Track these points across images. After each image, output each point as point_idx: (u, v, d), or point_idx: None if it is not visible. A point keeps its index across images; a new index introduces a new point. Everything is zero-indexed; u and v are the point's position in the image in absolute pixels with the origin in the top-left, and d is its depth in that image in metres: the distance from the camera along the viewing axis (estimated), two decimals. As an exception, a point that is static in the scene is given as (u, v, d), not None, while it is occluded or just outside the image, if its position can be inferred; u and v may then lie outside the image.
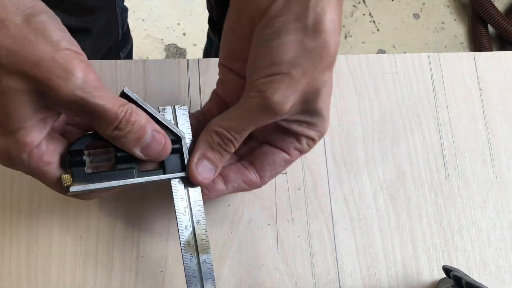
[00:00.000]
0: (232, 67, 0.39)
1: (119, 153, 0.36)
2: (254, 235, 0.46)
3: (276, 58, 0.34)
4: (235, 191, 0.41)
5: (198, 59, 0.50)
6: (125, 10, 0.85)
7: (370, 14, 1.56)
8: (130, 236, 0.45)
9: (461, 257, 0.46)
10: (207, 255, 0.38)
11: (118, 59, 0.58)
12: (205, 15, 0.92)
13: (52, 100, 0.32)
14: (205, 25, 0.95)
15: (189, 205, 0.39)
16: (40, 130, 0.33)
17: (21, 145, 0.33)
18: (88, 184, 0.36)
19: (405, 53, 0.80)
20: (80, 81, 0.31)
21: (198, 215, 0.39)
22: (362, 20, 1.55)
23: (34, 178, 0.36)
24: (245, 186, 0.41)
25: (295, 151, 0.40)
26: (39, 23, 0.31)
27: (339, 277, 0.45)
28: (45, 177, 0.36)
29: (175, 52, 1.45)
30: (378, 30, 1.55)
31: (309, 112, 0.37)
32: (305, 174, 0.48)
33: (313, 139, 0.39)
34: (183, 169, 0.39)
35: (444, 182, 0.49)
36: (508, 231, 0.48)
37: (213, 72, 0.50)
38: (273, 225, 0.46)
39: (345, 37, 1.53)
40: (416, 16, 1.57)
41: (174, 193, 0.39)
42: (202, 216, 0.39)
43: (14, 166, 0.35)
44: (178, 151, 0.39)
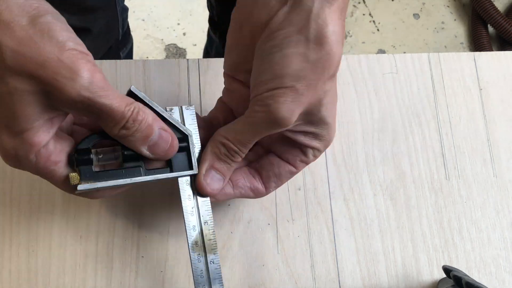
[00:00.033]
0: (237, 77, 0.39)
1: (126, 151, 0.36)
2: (254, 235, 0.46)
3: (279, 71, 0.34)
4: (241, 197, 0.41)
5: (198, 59, 0.50)
6: (125, 9, 0.85)
7: (370, 14, 1.56)
8: (130, 236, 0.45)
9: (461, 257, 0.46)
10: (214, 255, 0.38)
11: (118, 58, 0.58)
12: (205, 15, 0.92)
13: (59, 101, 0.32)
14: (205, 25, 0.95)
15: (196, 205, 0.39)
16: (47, 130, 0.33)
17: (29, 145, 0.33)
18: (96, 182, 0.36)
19: (405, 53, 0.80)
20: (86, 81, 0.31)
21: (205, 215, 0.39)
22: (362, 20, 1.55)
23: (42, 178, 0.36)
24: (250, 194, 0.41)
25: (301, 163, 0.40)
26: (44, 24, 0.31)
27: (339, 277, 0.45)
28: (53, 177, 0.35)
29: (175, 52, 1.45)
30: (378, 30, 1.55)
31: (314, 122, 0.37)
32: (305, 174, 0.48)
33: (318, 150, 0.39)
34: (190, 167, 0.39)
35: (444, 182, 0.49)
36: (508, 231, 0.48)
37: (213, 72, 0.50)
38: (273, 225, 0.46)
39: (345, 37, 1.53)
40: (416, 16, 1.57)
41: (181, 193, 0.39)
42: (209, 216, 0.39)
43: (21, 166, 0.35)
44: (185, 149, 0.39)
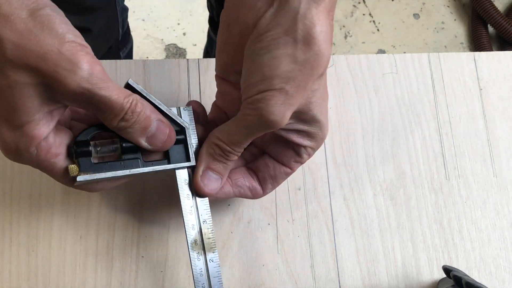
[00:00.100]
0: (228, 78, 0.39)
1: (125, 143, 0.37)
2: (254, 235, 0.46)
3: (268, 73, 0.33)
4: (239, 196, 0.41)
5: (198, 59, 0.50)
6: (125, 9, 0.85)
7: (370, 14, 1.56)
8: (130, 236, 0.45)
9: (461, 257, 0.46)
10: (213, 253, 0.39)
11: (118, 58, 0.58)
12: (205, 15, 0.92)
13: (59, 93, 0.32)
14: (205, 25, 0.95)
15: (195, 204, 0.39)
16: (47, 123, 0.33)
17: (29, 138, 0.33)
18: (94, 173, 0.36)
19: (405, 53, 0.80)
20: (86, 73, 0.32)
21: (204, 214, 0.39)
22: (362, 20, 1.55)
23: (42, 171, 0.36)
24: (248, 193, 0.41)
25: (295, 164, 0.40)
26: (44, 16, 0.31)
27: (339, 277, 0.45)
28: (53, 170, 0.36)
29: (175, 52, 1.45)
30: (378, 30, 1.55)
31: (305, 120, 0.37)
32: (305, 174, 0.48)
33: (312, 148, 0.39)
34: (187, 159, 0.39)
35: (444, 182, 0.49)
36: (508, 231, 0.48)
37: (213, 72, 0.50)
38: (273, 225, 0.46)
39: (345, 37, 1.53)
40: (416, 16, 1.57)
41: (180, 193, 0.39)
42: (208, 215, 0.39)
43: (22, 159, 0.35)
44: (183, 142, 0.39)
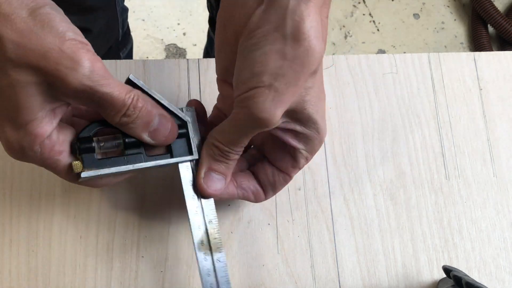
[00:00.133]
0: (228, 80, 0.39)
1: (127, 139, 0.37)
2: (254, 235, 0.46)
3: (257, 70, 0.33)
4: (243, 198, 0.41)
5: (198, 59, 0.50)
6: (125, 10, 0.85)
7: (370, 14, 1.56)
8: (130, 236, 0.45)
9: (461, 257, 0.46)
10: (220, 253, 0.39)
11: (118, 59, 0.58)
12: (205, 15, 0.92)
13: (61, 91, 0.32)
14: (205, 25, 0.95)
15: (200, 205, 0.39)
16: (50, 121, 0.34)
17: (33, 136, 0.33)
18: (98, 169, 0.36)
19: (405, 53, 0.80)
20: (87, 71, 0.32)
21: (210, 214, 0.39)
22: (362, 20, 1.55)
23: (46, 169, 0.36)
24: (251, 196, 0.41)
25: (293, 170, 0.40)
26: (44, 15, 0.31)
27: (339, 277, 0.45)
28: (57, 167, 0.36)
29: (175, 52, 1.45)
30: (378, 30, 1.55)
31: (301, 120, 0.36)
32: (305, 174, 0.48)
33: (309, 152, 0.39)
34: (190, 152, 0.39)
35: (444, 182, 0.49)
36: (508, 231, 0.48)
37: (213, 72, 0.50)
38: (273, 225, 0.46)
39: (345, 37, 1.53)
40: (416, 16, 1.57)
41: (185, 194, 0.39)
42: (214, 215, 0.39)
43: (26, 158, 0.35)
44: (185, 136, 0.39)
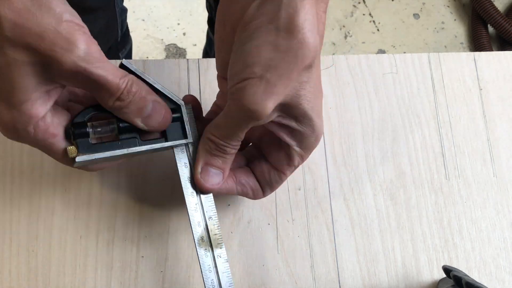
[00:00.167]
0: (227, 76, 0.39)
1: (122, 123, 0.37)
2: (254, 235, 0.46)
3: (249, 60, 0.33)
4: (241, 194, 0.41)
5: (198, 59, 0.50)
6: (124, 10, 0.85)
7: (370, 14, 1.56)
8: (130, 236, 0.45)
9: (461, 257, 0.46)
10: (221, 249, 0.39)
11: (117, 59, 0.57)
12: (205, 15, 0.92)
13: (56, 72, 0.32)
14: (205, 25, 0.95)
15: (200, 201, 0.39)
16: (45, 102, 0.34)
17: (27, 117, 0.33)
18: (93, 154, 0.36)
19: (405, 53, 0.80)
20: (82, 52, 0.32)
21: (209, 211, 0.39)
22: (362, 20, 1.55)
23: (41, 150, 0.36)
24: (250, 193, 0.41)
25: (288, 168, 0.40)
26: None
27: (339, 277, 0.45)
28: (51, 149, 0.36)
29: (175, 52, 1.45)
30: (378, 30, 1.55)
31: (296, 117, 0.36)
32: (305, 174, 0.48)
33: (304, 150, 0.39)
34: (184, 136, 0.39)
35: (444, 182, 0.48)
36: (508, 231, 0.48)
37: (213, 72, 0.50)
38: (273, 225, 0.46)
39: (345, 37, 1.53)
40: (416, 16, 1.57)
41: (184, 191, 0.39)
42: (213, 212, 0.39)
43: (20, 138, 0.35)
44: (179, 120, 0.39)
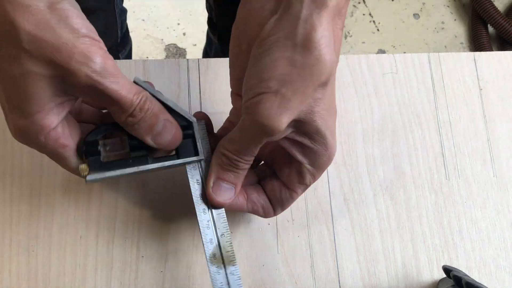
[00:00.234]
0: (241, 93, 0.39)
1: (133, 141, 0.37)
2: (254, 235, 0.46)
3: (265, 75, 0.33)
4: (252, 212, 0.41)
5: (198, 59, 0.50)
6: (124, 11, 0.85)
7: (370, 14, 1.56)
8: (130, 236, 0.45)
9: (461, 257, 0.46)
10: (234, 266, 0.38)
11: (117, 60, 0.57)
12: (205, 15, 0.92)
13: (72, 85, 0.32)
14: (205, 25, 0.95)
15: (212, 218, 0.39)
16: (57, 113, 0.34)
17: (39, 127, 0.34)
18: (104, 172, 0.36)
19: (405, 53, 0.80)
20: (98, 67, 0.32)
21: (222, 228, 0.39)
22: (362, 20, 1.55)
23: (50, 158, 0.37)
24: (260, 211, 0.41)
25: (299, 186, 0.39)
26: (61, 10, 0.32)
27: (339, 277, 0.45)
28: (61, 159, 0.36)
29: (175, 52, 1.45)
30: (378, 30, 1.55)
31: (309, 133, 0.36)
32: (305, 174, 0.48)
33: (316, 169, 0.38)
34: (196, 153, 0.39)
35: (444, 182, 0.48)
36: (508, 231, 0.48)
37: (213, 72, 0.50)
38: (273, 225, 0.46)
39: (345, 37, 1.53)
40: (416, 16, 1.57)
41: (196, 208, 0.39)
42: (226, 229, 0.39)
43: (30, 144, 0.35)
44: (190, 137, 0.39)
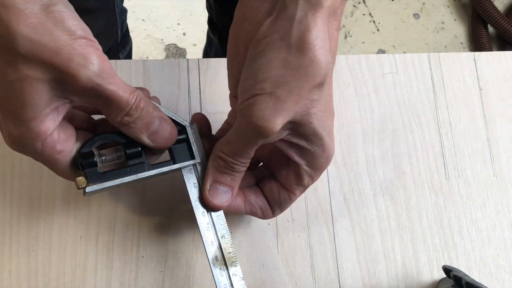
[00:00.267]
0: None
1: (129, 150, 0.37)
2: (254, 235, 0.46)
3: (260, 77, 0.33)
4: (250, 213, 0.41)
5: (198, 59, 0.50)
6: (124, 11, 0.84)
7: (370, 14, 1.56)
8: (130, 236, 0.45)
9: (461, 257, 0.46)
10: (235, 267, 0.39)
11: (117, 60, 0.57)
12: (205, 15, 0.92)
13: (70, 88, 0.32)
14: (205, 25, 0.95)
15: (211, 221, 0.39)
16: (54, 119, 0.34)
17: (35, 134, 0.33)
18: (102, 183, 0.36)
19: (405, 53, 0.80)
20: (97, 68, 0.32)
21: (222, 230, 0.39)
22: (362, 20, 1.55)
23: (45, 165, 0.36)
24: (259, 212, 0.41)
25: (297, 187, 0.39)
26: (56, 12, 0.31)
27: (339, 277, 0.45)
28: (56, 165, 0.36)
29: (175, 52, 1.45)
30: (378, 30, 1.55)
31: (306, 135, 0.36)
32: (305, 174, 0.48)
33: (313, 170, 0.38)
34: (192, 157, 0.39)
35: (444, 182, 0.48)
36: (508, 231, 0.48)
37: (213, 72, 0.50)
38: (273, 225, 0.46)
39: (345, 37, 1.53)
40: (416, 16, 1.57)
41: (195, 211, 0.39)
42: (226, 230, 0.39)
43: (25, 152, 0.35)
44: (185, 141, 0.39)
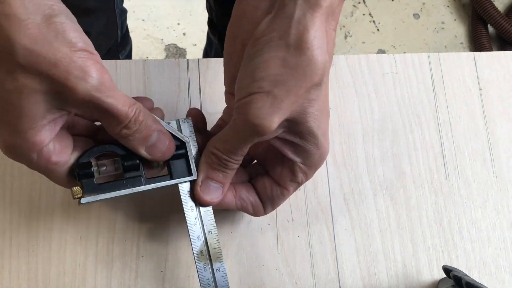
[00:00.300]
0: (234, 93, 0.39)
1: (127, 162, 0.37)
2: (254, 235, 0.46)
3: (257, 75, 0.33)
4: (241, 209, 0.41)
5: (198, 59, 0.50)
6: (124, 11, 0.84)
7: (370, 14, 1.56)
8: (130, 236, 0.45)
9: (461, 257, 0.46)
10: (220, 263, 0.39)
11: (117, 60, 0.57)
12: (205, 15, 0.92)
13: (68, 100, 0.32)
14: (205, 25, 0.95)
15: (199, 215, 0.39)
16: (50, 130, 0.33)
17: (31, 144, 0.33)
18: (98, 194, 0.36)
19: (405, 53, 0.80)
20: (96, 81, 0.32)
21: (209, 225, 0.39)
22: (362, 20, 1.55)
23: (41, 173, 0.36)
24: (250, 208, 0.41)
25: (291, 184, 0.39)
26: (58, 23, 0.31)
27: (339, 277, 0.45)
28: (52, 175, 0.36)
29: (175, 52, 1.45)
30: (378, 30, 1.55)
31: (301, 133, 0.36)
32: (305, 174, 0.48)
33: (308, 167, 0.38)
34: (189, 173, 0.39)
35: (444, 182, 0.48)
36: (508, 231, 0.48)
37: (213, 72, 0.50)
38: (273, 225, 0.46)
39: (345, 37, 1.53)
40: (416, 16, 1.57)
41: (184, 205, 0.39)
42: (213, 226, 0.39)
43: (21, 161, 0.35)
44: (183, 156, 0.39)
